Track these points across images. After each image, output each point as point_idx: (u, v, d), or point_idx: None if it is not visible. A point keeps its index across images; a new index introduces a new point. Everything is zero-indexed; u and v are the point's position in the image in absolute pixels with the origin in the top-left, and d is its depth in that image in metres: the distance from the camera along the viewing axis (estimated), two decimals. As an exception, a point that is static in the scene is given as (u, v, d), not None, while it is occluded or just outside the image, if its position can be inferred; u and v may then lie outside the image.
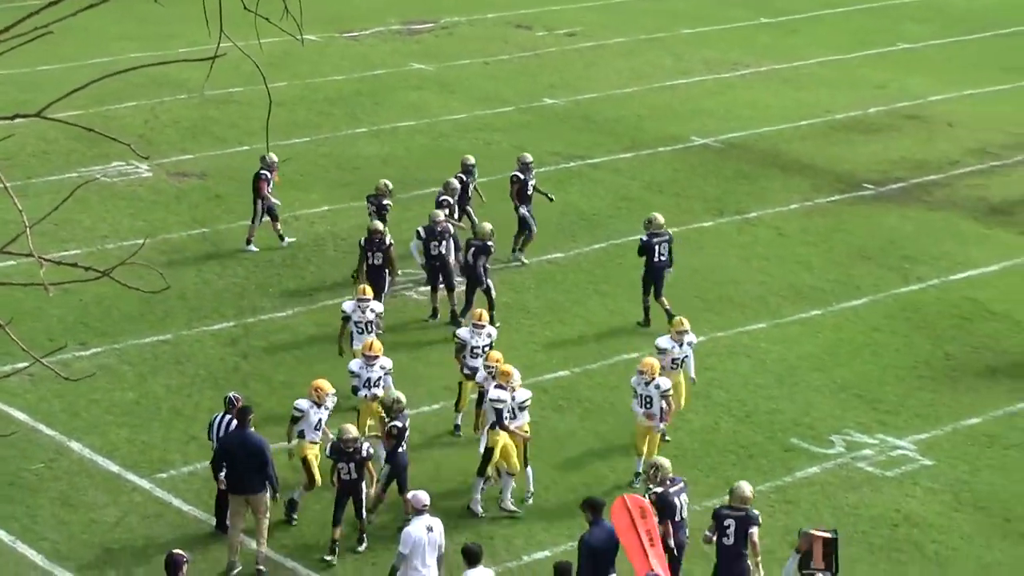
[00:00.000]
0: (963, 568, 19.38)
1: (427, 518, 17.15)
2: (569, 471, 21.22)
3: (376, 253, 25.23)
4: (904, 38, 46.58)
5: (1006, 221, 31.55)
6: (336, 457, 18.59)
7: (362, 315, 22.77)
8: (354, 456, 18.53)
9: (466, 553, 16.52)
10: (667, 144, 35.50)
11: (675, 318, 22.63)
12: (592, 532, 17.02)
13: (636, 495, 18.13)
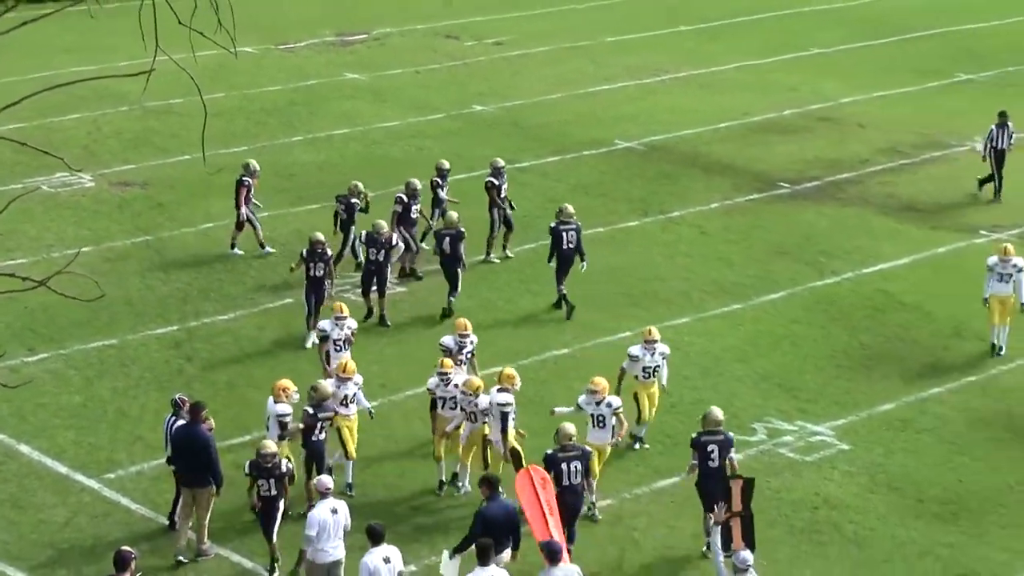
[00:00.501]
0: (879, 547, 19.54)
1: (331, 500, 17.39)
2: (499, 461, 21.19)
3: (318, 264, 24.87)
4: (816, 43, 46.85)
5: (915, 217, 31.81)
6: (256, 473, 18.02)
7: (340, 332, 22.37)
8: (273, 472, 17.98)
9: (369, 532, 16.62)
10: (592, 148, 35.58)
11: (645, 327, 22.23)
12: (488, 506, 17.33)
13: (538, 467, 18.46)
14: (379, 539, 16.46)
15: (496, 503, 17.42)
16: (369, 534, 16.54)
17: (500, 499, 17.61)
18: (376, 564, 16.24)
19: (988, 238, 30.45)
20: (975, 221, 31.51)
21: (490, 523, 17.10)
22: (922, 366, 24.76)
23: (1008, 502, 20.67)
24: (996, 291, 24.57)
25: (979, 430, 22.63)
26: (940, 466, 21.60)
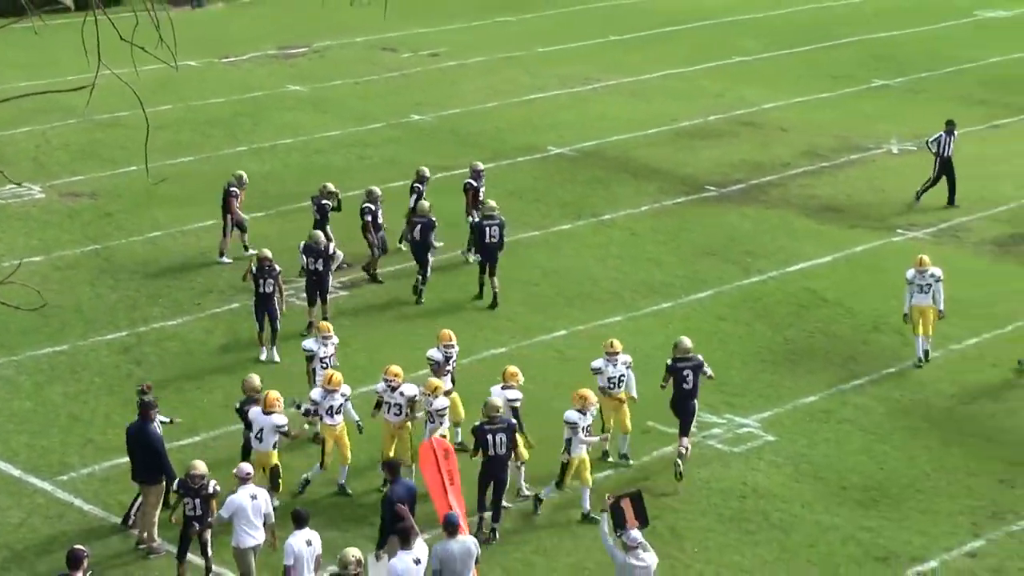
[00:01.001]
0: (805, 533, 19.64)
1: (252, 487, 17.47)
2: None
3: (267, 280, 24.33)
4: (739, 52, 47.06)
5: (835, 217, 32.00)
6: (184, 492, 17.55)
7: (326, 350, 21.88)
8: (200, 492, 17.48)
9: (295, 516, 16.79)
10: (526, 154, 35.59)
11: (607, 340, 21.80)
12: (393, 489, 17.61)
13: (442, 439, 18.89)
14: (303, 522, 16.70)
15: (399, 485, 17.67)
16: (294, 518, 16.78)
17: (402, 480, 17.86)
18: (300, 546, 16.49)
19: (904, 236, 30.71)
20: (892, 221, 31.73)
21: (395, 504, 17.28)
22: (843, 360, 24.90)
23: (925, 488, 20.83)
24: (917, 303, 24.22)
25: (898, 420, 22.79)
26: (861, 455, 21.74)
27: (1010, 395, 23.60)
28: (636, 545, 16.23)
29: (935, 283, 24.17)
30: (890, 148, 36.78)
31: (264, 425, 19.26)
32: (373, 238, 27.75)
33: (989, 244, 30.33)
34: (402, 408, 20.22)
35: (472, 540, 16.75)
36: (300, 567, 16.44)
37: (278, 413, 19.34)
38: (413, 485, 18.08)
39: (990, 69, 44.81)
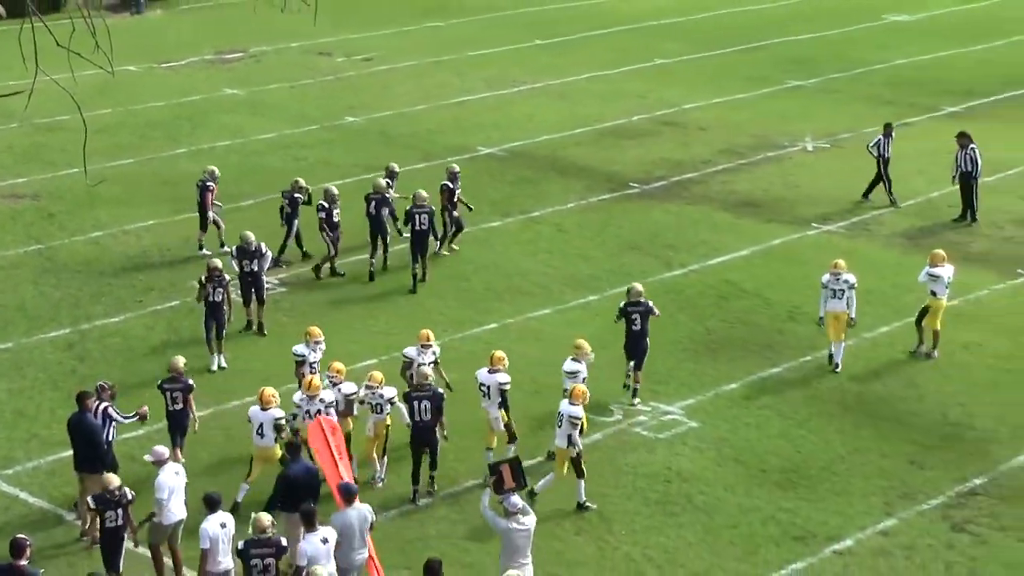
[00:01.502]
0: (727, 514, 19.70)
1: (175, 465, 17.62)
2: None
3: (216, 289, 23.79)
4: (660, 54, 47.17)
5: (753, 212, 32.13)
6: (103, 507, 16.90)
7: (315, 355, 21.42)
8: (120, 502, 16.94)
9: (207, 500, 16.76)
10: (456, 154, 35.47)
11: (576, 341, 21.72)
12: (291, 468, 17.71)
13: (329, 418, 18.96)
14: (216, 506, 16.67)
15: (298, 465, 17.74)
16: (207, 502, 16.73)
17: (302, 461, 17.88)
18: (215, 529, 16.47)
19: (818, 230, 30.87)
20: (806, 215, 31.89)
21: (292, 483, 17.42)
22: (762, 348, 24.99)
23: (840, 470, 20.95)
24: (831, 308, 23.77)
25: (814, 405, 22.91)
26: (779, 439, 21.83)
27: (919, 381, 23.79)
28: (516, 510, 16.45)
29: (848, 289, 23.65)
30: (805, 146, 36.98)
31: (263, 420, 19.20)
32: (327, 235, 27.56)
33: (899, 237, 30.55)
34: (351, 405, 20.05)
35: (367, 508, 16.92)
36: (216, 549, 16.46)
37: (275, 408, 19.33)
38: (313, 467, 17.98)
39: (897, 70, 45.15)
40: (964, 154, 31.25)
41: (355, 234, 28.36)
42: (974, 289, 27.42)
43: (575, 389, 19.81)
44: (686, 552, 18.82)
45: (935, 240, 29.47)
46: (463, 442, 21.11)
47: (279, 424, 19.23)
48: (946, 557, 18.77)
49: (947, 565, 18.60)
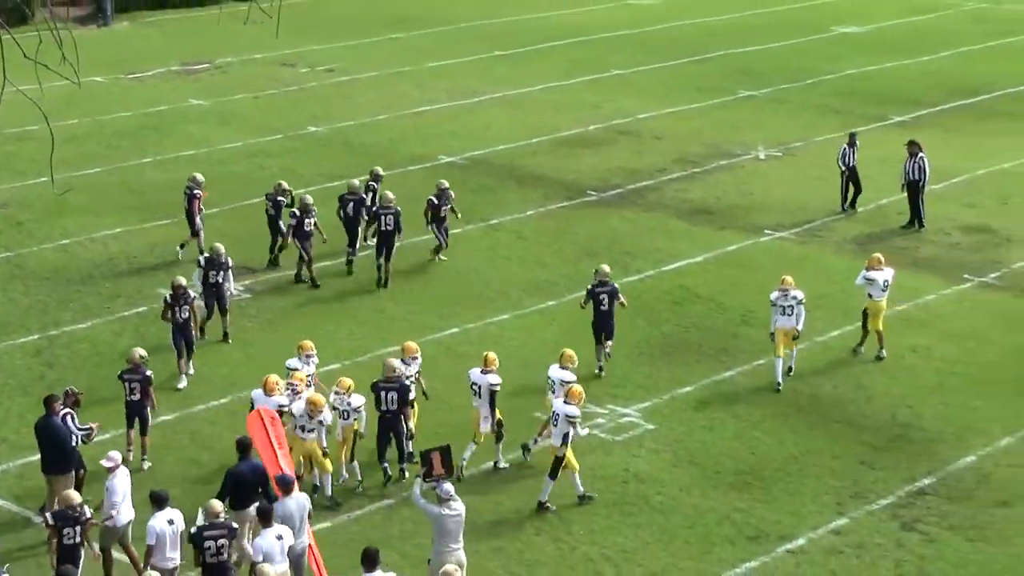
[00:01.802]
0: (682, 514, 19.72)
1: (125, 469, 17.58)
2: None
3: (182, 307, 23.17)
4: (615, 66, 47.22)
5: (707, 219, 32.19)
6: (61, 523, 16.47)
7: (309, 369, 21.08)
8: (79, 520, 16.51)
9: (154, 498, 16.79)
10: (418, 163, 35.42)
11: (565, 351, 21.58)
12: (238, 466, 17.79)
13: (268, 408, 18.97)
14: (163, 503, 16.66)
15: (245, 463, 17.82)
16: (154, 499, 16.74)
17: (250, 459, 17.94)
18: (161, 526, 16.49)
19: (771, 237, 30.95)
20: (759, 222, 31.97)
21: (239, 480, 17.57)
22: (716, 352, 25.04)
23: (793, 471, 21.00)
24: (780, 325, 23.48)
25: (767, 407, 22.95)
26: (734, 440, 21.87)
27: (869, 383, 23.87)
28: (448, 497, 16.84)
29: (797, 304, 23.37)
30: (757, 154, 37.08)
31: (268, 406, 19.20)
32: (298, 244, 27.47)
33: (849, 243, 30.66)
34: None
35: (304, 497, 17.16)
36: (163, 545, 16.50)
37: (279, 395, 19.49)
38: (260, 465, 17.98)
39: (846, 81, 45.35)
40: (913, 162, 31.40)
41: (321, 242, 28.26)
42: (922, 294, 27.54)
43: (571, 390, 19.97)
44: (643, 552, 18.82)
45: (884, 246, 29.59)
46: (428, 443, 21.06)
47: (283, 409, 19.35)
48: (896, 555, 18.84)
49: (897, 563, 18.67)
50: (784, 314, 23.39)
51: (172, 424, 21.27)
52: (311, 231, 27.64)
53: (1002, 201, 33.42)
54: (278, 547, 16.18)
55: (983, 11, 56.60)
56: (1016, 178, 35.15)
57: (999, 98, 43.00)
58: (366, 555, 15.65)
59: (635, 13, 56.19)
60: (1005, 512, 19.95)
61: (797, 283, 24.00)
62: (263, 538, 16.24)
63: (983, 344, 25.53)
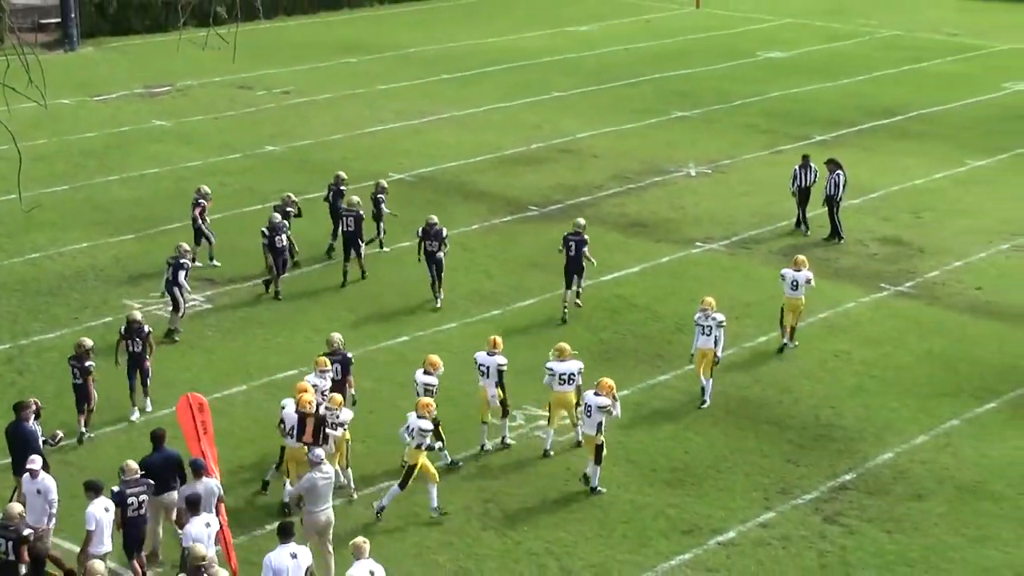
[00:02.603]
0: (621, 510, 19.74)
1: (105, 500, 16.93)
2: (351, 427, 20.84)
3: (135, 340, 22.16)
4: (555, 88, 47.27)
5: (642, 232, 32.26)
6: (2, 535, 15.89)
7: (324, 384, 20.55)
8: (12, 535, 15.73)
9: (90, 486, 16.91)
10: (370, 180, 35.20)
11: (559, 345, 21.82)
12: (152, 456, 18.05)
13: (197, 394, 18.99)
14: (99, 491, 16.78)
15: (158, 454, 18.04)
16: (90, 487, 16.88)
17: (162, 450, 18.13)
18: (100, 514, 16.58)
19: (702, 248, 31.05)
20: (691, 234, 32.08)
21: (150, 469, 17.65)
22: (652, 357, 25.08)
23: (723, 469, 21.07)
24: (700, 345, 22.96)
25: (700, 409, 23.00)
26: (669, 440, 21.92)
27: (794, 386, 23.99)
28: (320, 461, 17.56)
29: (716, 327, 22.99)
30: (688, 171, 37.21)
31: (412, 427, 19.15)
32: (271, 258, 27.35)
33: (775, 254, 30.79)
34: None
35: (215, 482, 17.43)
36: (100, 532, 16.54)
37: None
38: (172, 454, 18.14)
39: (771, 102, 45.61)
40: (831, 178, 31.60)
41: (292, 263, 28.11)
42: (842, 302, 27.72)
43: (602, 382, 20.22)
44: (584, 545, 18.82)
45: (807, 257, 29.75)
46: (380, 447, 21.01)
47: None
48: (819, 547, 18.93)
49: (820, 553, 18.77)
50: (704, 334, 22.99)
51: (137, 427, 21.07)
52: (283, 247, 27.52)
53: (915, 215, 33.70)
54: (206, 534, 16.39)
55: (896, 39, 57.11)
56: (927, 193, 35.47)
57: (911, 119, 43.36)
58: (281, 528, 15.99)
59: (573, 39, 56.31)
60: (920, 505, 20.11)
61: (728, 292, 24.16)
62: (192, 525, 16.49)
63: (899, 348, 25.72)
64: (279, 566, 15.65)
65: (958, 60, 52.82)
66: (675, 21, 60.71)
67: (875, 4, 65.04)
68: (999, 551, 18.93)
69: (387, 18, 60.35)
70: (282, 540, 15.86)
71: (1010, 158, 38.89)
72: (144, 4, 55.57)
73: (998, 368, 24.91)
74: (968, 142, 40.50)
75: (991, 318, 27.24)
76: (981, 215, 33.61)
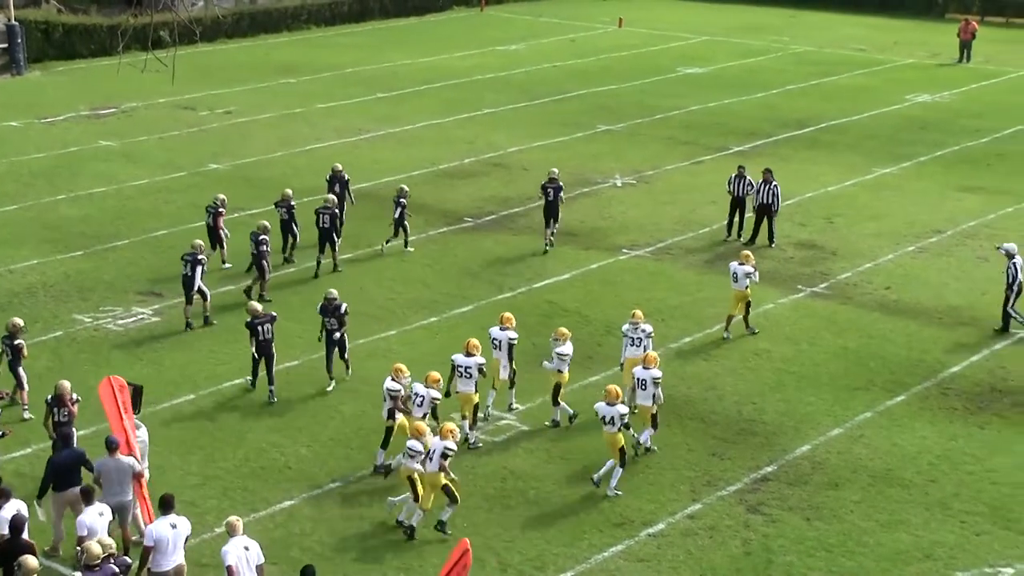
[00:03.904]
0: (555, 506, 19.81)
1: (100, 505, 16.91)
2: (295, 433, 20.76)
3: (62, 410, 19.68)
4: (487, 104, 47.34)
5: (572, 240, 32.37)
6: None
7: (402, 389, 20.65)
8: None
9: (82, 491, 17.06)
10: (310, 195, 35.08)
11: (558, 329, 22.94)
12: (58, 455, 18.37)
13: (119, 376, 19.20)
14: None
15: (66, 451, 18.41)
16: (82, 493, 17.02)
17: (71, 448, 18.61)
18: (92, 521, 16.52)
19: (629, 255, 31.21)
20: (618, 242, 32.22)
21: (58, 467, 17.90)
22: (583, 359, 25.11)
23: (652, 463, 21.18)
24: (629, 355, 22.84)
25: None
26: (600, 438, 21.95)
27: (718, 384, 24.18)
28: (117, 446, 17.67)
29: (645, 337, 23.01)
30: (615, 182, 37.37)
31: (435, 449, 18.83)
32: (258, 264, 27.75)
33: (697, 259, 31.02)
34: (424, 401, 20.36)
35: (130, 460, 17.65)
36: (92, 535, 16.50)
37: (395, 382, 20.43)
38: (79, 451, 18.38)
39: (691, 116, 45.93)
40: (768, 188, 31.65)
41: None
42: (762, 303, 27.93)
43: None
44: (521, 541, 18.86)
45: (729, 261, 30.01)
46: (324, 450, 20.93)
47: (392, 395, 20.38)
48: (743, 535, 19.09)
49: (744, 541, 18.93)
50: (633, 345, 23.01)
51: (87, 438, 20.83)
52: (266, 250, 27.80)
53: (828, 220, 34.06)
54: (100, 523, 16.44)
55: (806, 54, 57.69)
56: (839, 200, 35.87)
57: (823, 130, 43.82)
58: (162, 500, 16.34)
59: (502, 58, 56.40)
60: (836, 493, 20.33)
61: (654, 296, 24.31)
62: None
63: (814, 346, 26.00)
64: (160, 536, 16.13)
65: (865, 74, 53.46)
66: (599, 40, 60.98)
67: (787, 21, 65.72)
68: (909, 534, 19.18)
69: (324, 40, 60.14)
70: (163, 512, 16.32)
71: (913, 165, 39.42)
72: (89, 29, 55.03)
73: (906, 363, 25.24)
74: (875, 151, 41.00)
75: (899, 316, 27.60)
76: (888, 219, 34.05)
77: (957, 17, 61.93)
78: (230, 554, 15.74)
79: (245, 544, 15.93)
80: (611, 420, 20.10)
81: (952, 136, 42.90)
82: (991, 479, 20.80)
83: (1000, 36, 61.28)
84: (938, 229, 33.33)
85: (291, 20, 62.39)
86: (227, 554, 15.76)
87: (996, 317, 27.15)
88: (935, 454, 21.60)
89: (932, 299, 28.55)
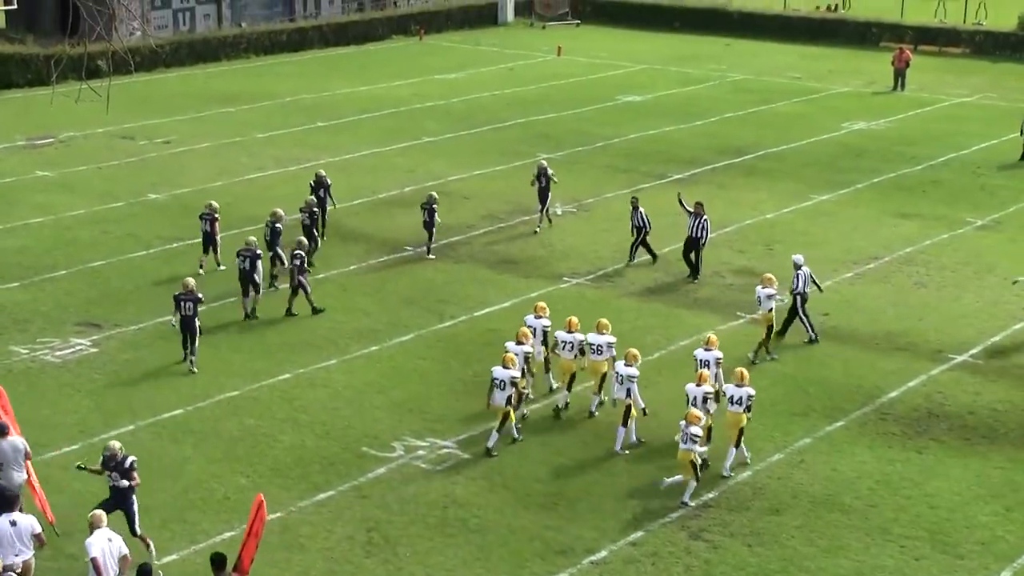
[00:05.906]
0: (497, 534, 19.76)
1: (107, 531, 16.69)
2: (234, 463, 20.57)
3: None
4: (426, 133, 47.38)
5: (512, 268, 32.42)
6: None
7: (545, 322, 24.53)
8: None
9: None
10: (251, 224, 34.94)
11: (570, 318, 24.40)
12: None
13: None
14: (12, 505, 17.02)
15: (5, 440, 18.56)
16: None
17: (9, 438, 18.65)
18: (4, 527, 16.61)
19: (569, 283, 31.29)
20: (559, 270, 32.30)
21: None
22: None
23: (594, 492, 21.20)
24: (565, 358, 23.81)
25: (569, 435, 23.15)
26: (542, 465, 22.01)
27: (659, 411, 24.18)
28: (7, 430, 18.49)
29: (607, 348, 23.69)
30: (554, 210, 37.48)
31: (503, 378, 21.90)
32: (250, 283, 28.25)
33: (638, 287, 31.15)
34: (573, 347, 23.48)
35: (21, 441, 18.40)
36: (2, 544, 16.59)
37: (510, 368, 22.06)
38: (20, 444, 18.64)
39: (630, 143, 46.19)
40: (697, 222, 31.77)
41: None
42: (702, 330, 28.06)
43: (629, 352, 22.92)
44: (463, 569, 18.80)
45: (668, 289, 30.24)
46: (268, 480, 20.76)
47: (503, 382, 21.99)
48: (686, 561, 19.14)
49: (686, 568, 18.97)
50: (565, 350, 23.97)
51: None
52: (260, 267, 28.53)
53: (767, 247, 34.34)
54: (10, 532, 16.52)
55: (744, 82, 58.25)
56: (777, 227, 36.18)
57: (760, 157, 44.23)
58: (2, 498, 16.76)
59: (442, 86, 56.50)
60: (777, 519, 20.44)
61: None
62: None
63: (754, 372, 26.09)
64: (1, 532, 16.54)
65: (801, 102, 54.04)
66: (537, 68, 61.26)
67: (725, 51, 66.34)
68: (849, 559, 19.31)
69: (263, 69, 60.01)
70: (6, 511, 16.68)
71: (850, 192, 39.85)
72: (26, 58, 54.59)
73: (844, 388, 25.45)
74: (812, 178, 41.42)
75: (837, 342, 27.84)
76: (826, 246, 34.37)
77: (891, 46, 62.77)
78: (94, 546, 16.16)
79: (108, 536, 16.36)
80: (738, 400, 21.55)
81: (888, 163, 43.44)
82: (929, 503, 21.00)
83: (933, 64, 62.19)
84: (875, 255, 33.70)
85: (230, 49, 62.21)
86: (91, 546, 16.18)
87: (934, 342, 27.47)
88: (874, 479, 21.78)
89: (869, 325, 28.83)
